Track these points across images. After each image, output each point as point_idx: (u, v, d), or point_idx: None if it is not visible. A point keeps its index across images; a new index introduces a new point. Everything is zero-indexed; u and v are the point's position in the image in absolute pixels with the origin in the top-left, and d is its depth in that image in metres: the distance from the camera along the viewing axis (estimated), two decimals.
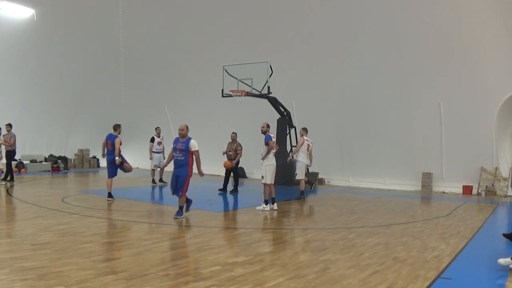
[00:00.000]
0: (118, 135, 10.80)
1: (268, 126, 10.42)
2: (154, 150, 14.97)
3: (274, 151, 10.29)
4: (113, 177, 10.90)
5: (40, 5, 16.74)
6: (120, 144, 10.73)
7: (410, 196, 13.69)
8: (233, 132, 13.42)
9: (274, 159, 10.26)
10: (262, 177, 10.11)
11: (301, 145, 12.00)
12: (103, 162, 12.92)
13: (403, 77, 14.61)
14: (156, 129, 15.36)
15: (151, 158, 15.02)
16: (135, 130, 20.49)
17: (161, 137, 15.21)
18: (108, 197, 10.85)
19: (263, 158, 10.13)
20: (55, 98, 19.40)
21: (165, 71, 19.50)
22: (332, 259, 5.89)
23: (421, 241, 7.14)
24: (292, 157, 12.26)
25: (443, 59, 13.89)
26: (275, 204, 10.21)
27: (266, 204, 10.06)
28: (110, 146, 10.74)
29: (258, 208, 10.06)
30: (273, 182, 10.19)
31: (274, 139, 10.43)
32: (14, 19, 16.84)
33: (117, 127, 10.95)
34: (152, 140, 15.01)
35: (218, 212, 9.66)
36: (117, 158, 10.65)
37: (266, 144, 10.07)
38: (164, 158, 15.45)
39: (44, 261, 5.35)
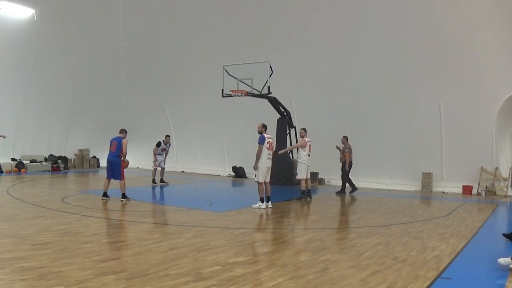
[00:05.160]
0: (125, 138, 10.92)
1: (263, 126, 10.52)
2: (157, 153, 14.96)
3: (270, 151, 10.39)
4: (111, 178, 10.92)
5: (40, 5, 16.71)
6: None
7: (410, 196, 13.69)
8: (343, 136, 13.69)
9: (268, 160, 10.35)
10: (255, 175, 10.43)
11: (300, 145, 12.00)
12: (103, 162, 12.90)
13: (403, 77, 14.61)
14: (166, 137, 15.22)
15: (154, 161, 15.00)
16: (135, 130, 20.43)
17: (167, 145, 15.14)
18: (103, 196, 10.89)
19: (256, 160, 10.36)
20: (55, 98, 19.39)
21: (165, 71, 19.49)
22: (332, 259, 5.89)
23: (421, 241, 7.14)
24: (291, 154, 12.04)
25: (443, 59, 13.89)
26: (270, 202, 10.41)
27: (262, 202, 10.33)
28: (114, 148, 10.79)
29: (254, 206, 10.33)
30: (268, 181, 10.40)
31: (270, 140, 10.48)
32: (14, 19, 16.83)
33: (123, 131, 11.06)
34: (158, 145, 14.94)
35: (218, 212, 9.66)
36: (125, 160, 10.83)
37: (259, 143, 10.31)
38: (165, 162, 15.46)
39: (44, 261, 5.35)
